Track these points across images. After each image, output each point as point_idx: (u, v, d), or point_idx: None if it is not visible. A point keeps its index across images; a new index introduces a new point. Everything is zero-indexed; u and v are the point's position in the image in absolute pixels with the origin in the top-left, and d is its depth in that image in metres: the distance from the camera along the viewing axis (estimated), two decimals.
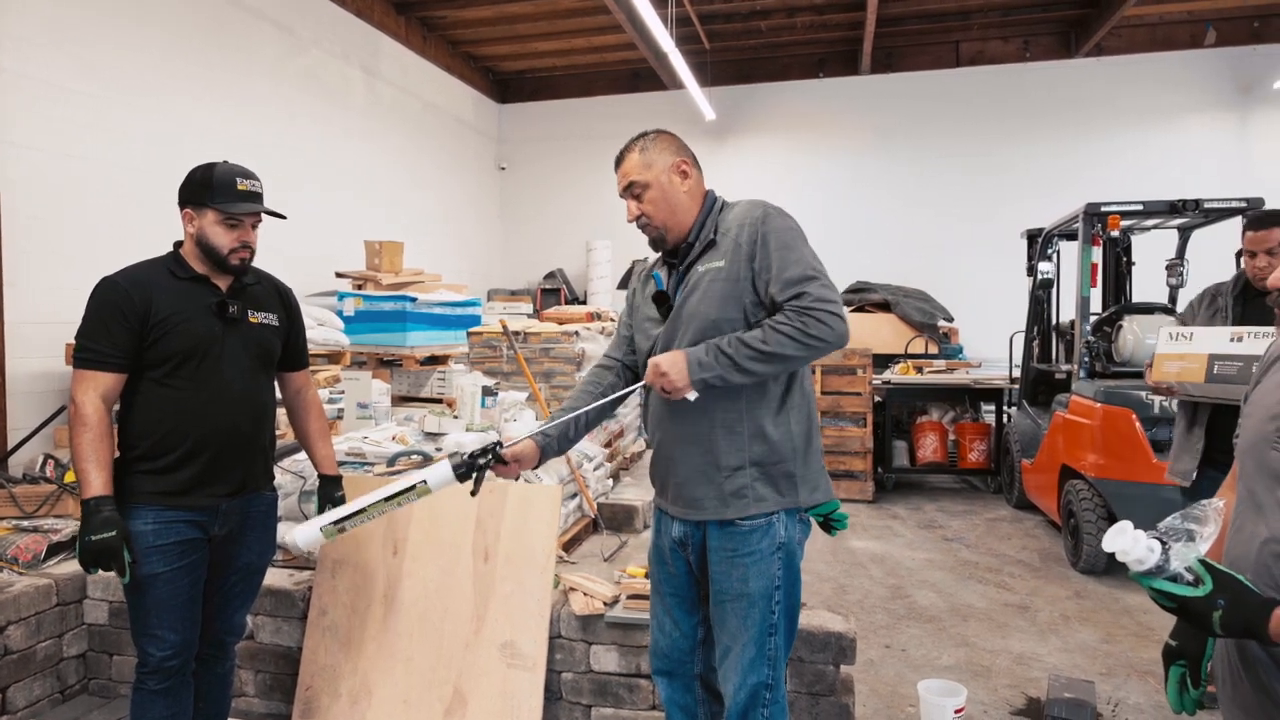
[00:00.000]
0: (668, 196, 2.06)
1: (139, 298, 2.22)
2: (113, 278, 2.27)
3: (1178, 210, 5.15)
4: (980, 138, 9.63)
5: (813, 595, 4.56)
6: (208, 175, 2.30)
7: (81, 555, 2.13)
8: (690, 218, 2.09)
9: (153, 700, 2.29)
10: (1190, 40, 9.05)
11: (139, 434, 2.28)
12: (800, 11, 8.79)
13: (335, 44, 7.62)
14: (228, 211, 2.27)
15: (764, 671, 2.01)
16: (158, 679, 2.27)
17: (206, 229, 2.29)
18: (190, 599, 2.30)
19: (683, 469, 2.06)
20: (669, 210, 2.07)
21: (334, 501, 2.59)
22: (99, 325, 2.21)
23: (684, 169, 2.10)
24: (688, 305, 2.03)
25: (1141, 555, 1.27)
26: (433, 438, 4.29)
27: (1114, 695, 3.42)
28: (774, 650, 2.03)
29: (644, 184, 2.06)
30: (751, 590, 2.00)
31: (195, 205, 2.30)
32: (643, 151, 2.08)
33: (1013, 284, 8.16)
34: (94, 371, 2.20)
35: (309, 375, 2.69)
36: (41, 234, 4.82)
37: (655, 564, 2.23)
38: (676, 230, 2.09)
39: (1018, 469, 6.34)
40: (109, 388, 2.22)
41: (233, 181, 2.29)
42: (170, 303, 2.26)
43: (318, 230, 7.39)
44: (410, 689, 2.85)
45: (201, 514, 2.31)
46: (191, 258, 2.35)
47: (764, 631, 2.01)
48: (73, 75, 5.04)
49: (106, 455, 2.18)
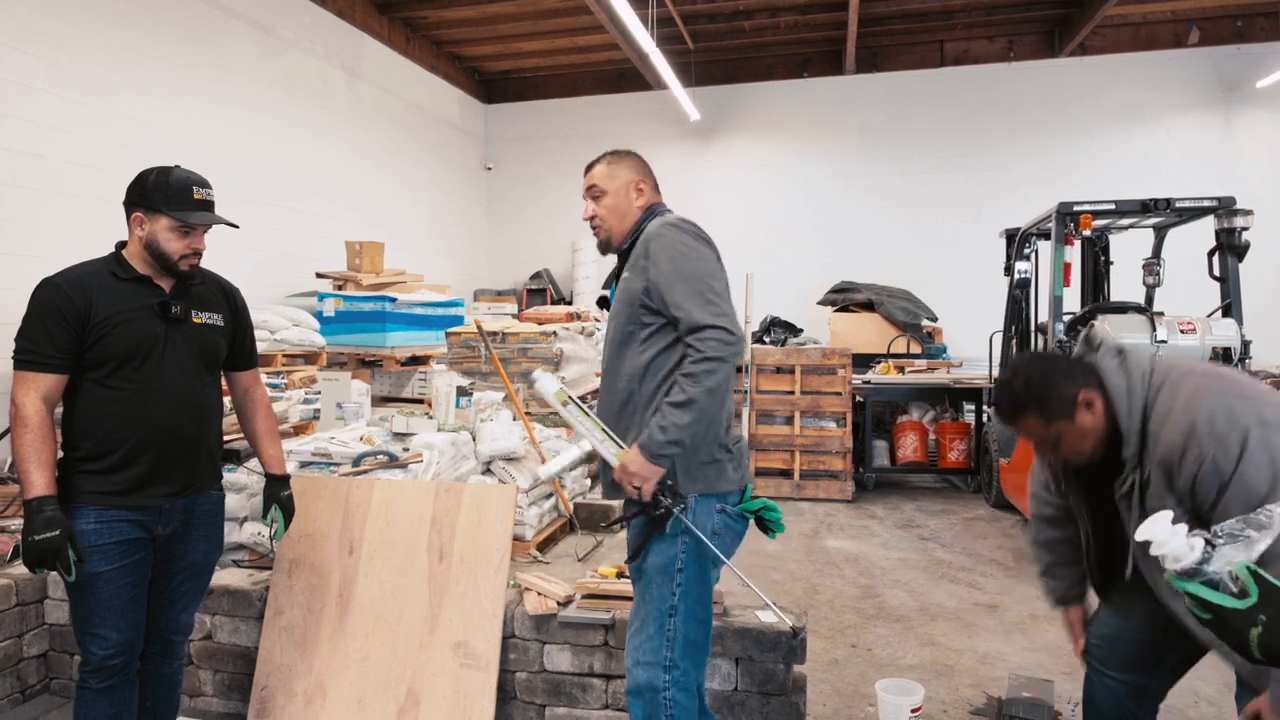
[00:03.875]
0: (619, 206, 2.30)
1: (79, 298, 2.22)
2: (53, 279, 2.26)
3: (1150, 210, 5.16)
4: (965, 137, 9.65)
5: (783, 595, 4.57)
6: (163, 180, 2.28)
7: (25, 555, 2.13)
8: (629, 228, 2.30)
9: (96, 699, 2.29)
10: (1174, 40, 9.07)
11: (81, 434, 2.27)
12: (783, 11, 8.80)
13: (316, 44, 7.62)
14: (183, 220, 2.26)
15: (662, 652, 2.07)
16: (100, 677, 2.27)
17: (159, 234, 2.28)
18: (133, 598, 2.30)
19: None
20: (617, 218, 2.30)
21: (279, 501, 2.59)
22: (39, 326, 2.21)
23: (640, 188, 2.32)
24: (613, 309, 2.27)
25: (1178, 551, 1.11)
26: (401, 438, 4.30)
27: (1075, 694, 3.42)
28: (674, 631, 2.08)
29: (603, 190, 2.29)
30: (648, 568, 2.11)
31: (147, 209, 2.28)
32: (609, 164, 2.33)
33: (996, 283, 8.15)
34: (34, 373, 2.20)
35: (258, 375, 2.68)
36: (7, 234, 4.82)
37: None
38: (619, 237, 2.31)
39: (996, 468, 6.35)
40: (50, 388, 2.21)
41: (189, 190, 2.29)
42: (111, 303, 2.25)
43: (298, 231, 7.39)
44: (365, 689, 2.85)
45: (145, 514, 2.30)
46: (135, 259, 2.33)
47: (663, 610, 2.09)
48: (43, 76, 5.03)
49: (48, 455, 2.17)
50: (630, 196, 2.30)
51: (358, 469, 3.85)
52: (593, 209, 2.33)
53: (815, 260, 9.87)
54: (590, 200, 2.33)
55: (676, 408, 2.01)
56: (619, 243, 2.32)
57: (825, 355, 6.94)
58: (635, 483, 2.04)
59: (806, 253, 9.97)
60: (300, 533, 3.03)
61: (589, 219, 2.34)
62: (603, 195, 2.30)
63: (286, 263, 7.18)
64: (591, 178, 2.34)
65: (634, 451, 2.03)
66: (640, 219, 2.30)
